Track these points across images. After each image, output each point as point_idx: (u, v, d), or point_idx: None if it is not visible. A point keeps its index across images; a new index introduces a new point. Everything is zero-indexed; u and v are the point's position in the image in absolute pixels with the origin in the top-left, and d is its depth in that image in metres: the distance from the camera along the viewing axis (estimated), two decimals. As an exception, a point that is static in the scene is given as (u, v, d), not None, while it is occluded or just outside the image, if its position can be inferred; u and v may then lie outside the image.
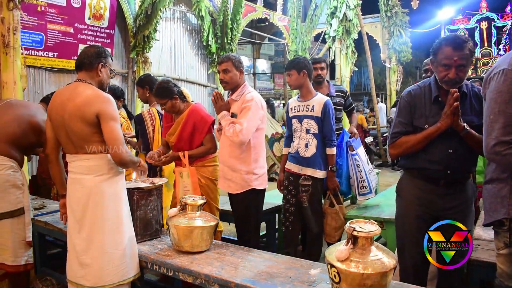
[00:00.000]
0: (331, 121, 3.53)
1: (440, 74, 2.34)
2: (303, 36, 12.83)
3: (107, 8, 7.57)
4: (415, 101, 2.45)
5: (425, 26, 19.26)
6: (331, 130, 3.53)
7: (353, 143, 3.96)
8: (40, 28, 6.54)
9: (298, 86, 3.61)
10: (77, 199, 2.48)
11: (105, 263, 2.44)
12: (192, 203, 2.63)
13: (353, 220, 1.91)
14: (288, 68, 3.59)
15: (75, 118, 2.41)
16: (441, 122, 2.29)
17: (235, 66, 3.22)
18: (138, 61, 8.12)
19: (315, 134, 3.53)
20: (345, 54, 9.00)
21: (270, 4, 14.16)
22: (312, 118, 3.53)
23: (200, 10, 9.25)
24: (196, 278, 2.34)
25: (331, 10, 8.99)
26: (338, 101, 4.15)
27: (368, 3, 12.67)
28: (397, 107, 2.57)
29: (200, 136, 3.44)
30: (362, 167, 3.94)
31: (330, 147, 3.54)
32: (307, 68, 3.53)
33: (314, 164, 3.54)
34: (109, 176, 2.50)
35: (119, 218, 2.51)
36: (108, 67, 2.62)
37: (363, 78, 28.31)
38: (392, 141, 2.50)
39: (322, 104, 3.50)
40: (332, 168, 3.58)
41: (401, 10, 13.25)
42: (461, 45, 2.25)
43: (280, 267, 2.32)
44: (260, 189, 3.25)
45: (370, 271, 1.72)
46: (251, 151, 3.18)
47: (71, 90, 2.50)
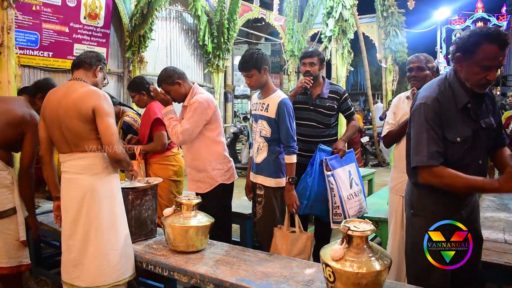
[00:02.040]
0: (288, 124, 2.99)
1: (476, 77, 1.96)
2: (299, 36, 12.85)
3: (103, 8, 7.55)
4: (442, 110, 2.02)
5: (421, 26, 19.33)
6: (289, 134, 2.98)
7: (331, 161, 3.24)
8: (35, 28, 6.53)
9: (260, 86, 3.12)
10: (71, 199, 2.46)
11: (101, 264, 2.42)
12: (187, 203, 2.62)
13: (348, 220, 1.91)
14: (246, 68, 3.03)
15: (71, 114, 2.40)
16: (501, 184, 1.87)
17: (168, 82, 3.17)
18: (134, 61, 8.11)
19: (266, 137, 3.08)
20: (341, 54, 8.98)
21: (266, 4, 14.16)
22: (265, 119, 3.08)
23: (196, 10, 9.26)
24: (191, 278, 2.33)
25: (327, 10, 8.96)
26: (329, 105, 3.46)
27: (364, 3, 12.67)
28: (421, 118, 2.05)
29: (145, 131, 3.57)
30: (337, 192, 3.17)
31: (288, 154, 3.00)
32: (267, 63, 3.07)
33: (263, 171, 3.11)
34: (104, 175, 2.48)
35: (114, 218, 2.50)
36: (104, 72, 2.67)
37: (359, 78, 28.33)
38: (431, 163, 1.99)
39: (277, 104, 3.00)
40: (290, 180, 3.00)
41: (397, 10, 13.26)
42: (506, 42, 1.91)
43: (275, 266, 2.32)
44: (228, 184, 3.24)
45: (365, 270, 1.73)
46: (209, 148, 3.16)
47: (66, 87, 2.50)
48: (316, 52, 3.54)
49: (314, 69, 3.45)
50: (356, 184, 3.35)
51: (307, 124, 3.46)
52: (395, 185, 3.10)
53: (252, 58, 3.02)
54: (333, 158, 3.25)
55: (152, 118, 3.55)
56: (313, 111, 3.46)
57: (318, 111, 3.45)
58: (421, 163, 2.01)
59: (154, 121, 3.53)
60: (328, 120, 3.47)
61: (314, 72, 3.44)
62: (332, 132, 3.51)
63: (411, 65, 2.99)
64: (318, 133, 3.45)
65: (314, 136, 3.44)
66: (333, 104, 3.47)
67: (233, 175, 3.28)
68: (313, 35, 13.35)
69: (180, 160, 3.73)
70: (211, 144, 3.17)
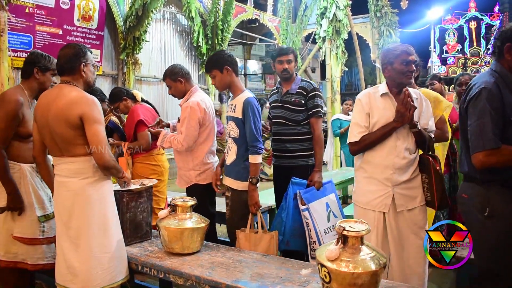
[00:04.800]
0: (253, 123, 2.94)
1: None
2: (293, 36, 12.86)
3: (96, 10, 7.54)
4: (502, 93, 2.07)
5: (415, 26, 19.39)
6: (253, 133, 2.94)
7: (305, 195, 3.10)
8: (29, 30, 6.50)
9: (225, 86, 3.12)
10: (62, 202, 2.46)
11: (93, 267, 2.41)
12: (183, 205, 2.62)
13: (343, 220, 1.91)
14: (207, 69, 3.10)
15: (59, 120, 2.38)
16: None
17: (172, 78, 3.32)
18: (128, 63, 8.10)
19: (234, 138, 3.07)
20: (335, 54, 9.00)
21: (260, 5, 14.17)
22: (233, 119, 3.08)
23: (190, 11, 9.24)
24: (187, 280, 2.33)
25: (321, 11, 8.98)
26: (294, 100, 3.35)
27: (358, 4, 12.70)
28: (482, 102, 2.06)
29: (129, 132, 3.74)
30: (313, 227, 3.04)
31: (252, 154, 2.95)
32: (229, 63, 3.04)
33: (231, 173, 3.10)
34: (95, 179, 2.46)
35: (106, 222, 2.48)
36: (90, 63, 2.57)
37: (353, 78, 28.37)
38: (497, 145, 2.00)
39: (242, 104, 2.98)
40: (251, 180, 2.96)
41: (390, 10, 13.27)
42: None
43: (271, 267, 2.32)
44: (203, 184, 3.28)
45: (361, 271, 1.72)
46: (191, 150, 3.24)
47: (56, 92, 2.47)
48: (291, 49, 3.47)
49: (291, 66, 3.37)
50: (335, 216, 3.23)
51: (277, 122, 3.44)
52: (373, 200, 2.60)
53: (212, 59, 3.10)
54: (308, 191, 3.16)
55: (135, 120, 3.69)
56: (281, 108, 3.41)
57: (285, 108, 3.38)
58: (490, 146, 2.00)
59: (138, 122, 3.68)
60: (296, 117, 3.35)
61: (291, 70, 3.37)
62: (303, 131, 3.37)
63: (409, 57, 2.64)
64: (287, 131, 3.38)
65: (284, 134, 3.39)
66: (300, 100, 3.34)
67: (210, 176, 3.31)
68: (307, 36, 13.36)
69: (161, 160, 3.90)
70: (195, 144, 3.23)
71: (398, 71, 2.53)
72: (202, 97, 3.28)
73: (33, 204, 2.89)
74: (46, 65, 2.93)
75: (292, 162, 3.39)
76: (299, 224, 3.12)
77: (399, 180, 2.53)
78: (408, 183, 2.56)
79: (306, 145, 3.35)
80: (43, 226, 2.92)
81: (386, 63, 2.59)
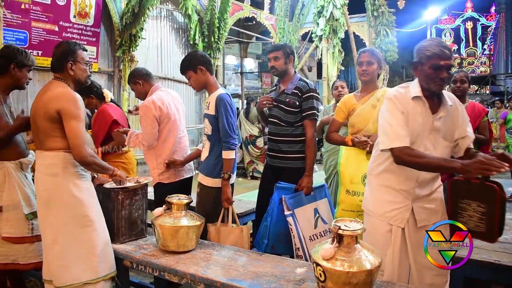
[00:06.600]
0: (225, 119, 2.96)
1: None
2: (290, 35, 12.86)
3: (93, 6, 7.50)
4: None
5: (412, 26, 19.49)
6: (226, 129, 2.97)
7: (290, 200, 3.01)
8: (24, 26, 6.46)
9: (201, 86, 3.16)
10: (40, 199, 2.50)
11: (70, 263, 2.42)
12: (178, 203, 2.61)
13: (338, 219, 1.91)
14: (182, 70, 3.15)
15: (39, 112, 2.43)
16: None
17: (131, 81, 3.44)
18: (124, 60, 8.06)
19: (207, 134, 3.13)
20: (332, 53, 9.04)
21: (257, 3, 14.16)
22: (207, 116, 3.12)
23: (187, 9, 9.22)
24: (182, 278, 2.32)
25: (318, 10, 9.01)
26: (289, 101, 3.23)
27: (355, 3, 12.73)
28: None
29: (102, 133, 3.69)
30: (296, 233, 2.96)
31: (224, 150, 2.98)
32: (202, 62, 3.07)
33: (203, 169, 3.15)
34: (64, 177, 2.45)
35: (84, 219, 2.47)
36: (80, 61, 2.56)
37: (350, 78, 28.41)
38: None
39: (215, 101, 3.03)
40: (224, 175, 2.99)
41: (387, 9, 13.30)
42: None
43: (266, 266, 2.32)
44: (165, 183, 3.32)
45: (356, 270, 1.73)
46: (154, 149, 3.30)
47: (46, 87, 2.52)
48: (280, 45, 3.35)
49: (279, 63, 3.24)
50: (324, 222, 3.14)
51: (271, 121, 3.36)
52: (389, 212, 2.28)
53: (185, 60, 3.14)
54: (294, 196, 3.07)
55: (109, 120, 3.67)
56: (276, 107, 3.32)
57: (280, 107, 3.29)
58: None
59: (112, 122, 3.66)
60: (289, 118, 3.24)
61: (279, 67, 3.26)
62: (295, 132, 3.25)
63: (441, 62, 2.18)
64: (280, 131, 3.28)
65: (277, 134, 3.31)
66: (294, 101, 3.22)
67: (174, 175, 3.34)
68: (304, 34, 13.38)
69: (131, 157, 3.94)
70: (157, 143, 3.29)
71: (427, 74, 2.16)
72: (160, 94, 3.30)
73: (20, 202, 2.86)
74: (22, 61, 2.89)
75: (283, 163, 3.29)
76: (285, 229, 3.04)
77: (420, 194, 2.25)
78: (429, 196, 2.29)
79: (299, 147, 3.24)
80: (32, 224, 2.90)
81: (417, 62, 2.21)
